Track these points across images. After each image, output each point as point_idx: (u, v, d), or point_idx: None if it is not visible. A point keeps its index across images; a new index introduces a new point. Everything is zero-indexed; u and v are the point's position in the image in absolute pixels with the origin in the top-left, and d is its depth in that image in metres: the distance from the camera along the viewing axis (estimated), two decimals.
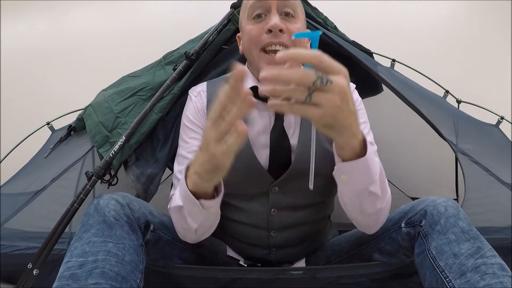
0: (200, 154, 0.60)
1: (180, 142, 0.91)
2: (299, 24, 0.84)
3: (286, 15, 0.83)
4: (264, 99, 0.86)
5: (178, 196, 0.72)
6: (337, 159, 0.69)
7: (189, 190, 0.66)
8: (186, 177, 0.67)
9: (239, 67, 0.49)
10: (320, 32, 0.55)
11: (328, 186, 0.92)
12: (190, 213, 0.71)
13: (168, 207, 0.83)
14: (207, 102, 0.91)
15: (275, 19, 0.80)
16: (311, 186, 0.61)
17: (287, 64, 0.50)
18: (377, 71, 1.15)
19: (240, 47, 0.93)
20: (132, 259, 0.67)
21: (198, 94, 0.93)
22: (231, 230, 0.94)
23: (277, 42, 0.80)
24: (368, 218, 0.76)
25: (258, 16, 0.83)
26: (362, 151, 0.64)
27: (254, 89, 0.85)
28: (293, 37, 0.60)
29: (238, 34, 0.95)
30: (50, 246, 0.91)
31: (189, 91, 0.97)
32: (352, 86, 0.93)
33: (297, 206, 0.89)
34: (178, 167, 0.88)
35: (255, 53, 0.84)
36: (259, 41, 0.82)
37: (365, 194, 0.69)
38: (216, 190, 0.70)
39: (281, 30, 0.80)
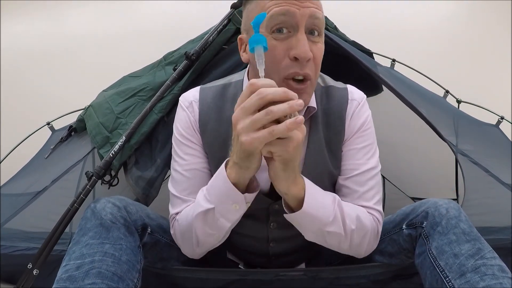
0: (234, 145, 0.60)
1: (175, 156, 0.83)
2: (321, 43, 0.72)
3: (311, 34, 0.69)
4: None
5: (204, 199, 0.70)
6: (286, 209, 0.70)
7: (232, 183, 0.64)
8: (226, 171, 0.65)
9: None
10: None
11: None
12: (227, 212, 0.68)
13: (177, 221, 0.79)
14: (199, 113, 0.82)
15: (304, 45, 0.66)
16: None
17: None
18: (376, 72, 1.15)
19: (244, 55, 0.77)
20: (129, 259, 0.67)
21: (190, 105, 0.83)
22: (231, 238, 0.93)
23: (303, 74, 0.68)
24: (346, 252, 0.78)
25: (279, 30, 0.68)
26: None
27: None
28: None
29: (240, 37, 0.78)
30: (50, 246, 0.91)
31: (180, 98, 0.85)
32: (363, 98, 0.85)
33: None
34: (176, 186, 0.81)
35: (274, 79, 0.69)
36: (281, 68, 0.68)
37: (324, 233, 0.72)
38: (251, 186, 0.68)
39: (308, 60, 0.68)
